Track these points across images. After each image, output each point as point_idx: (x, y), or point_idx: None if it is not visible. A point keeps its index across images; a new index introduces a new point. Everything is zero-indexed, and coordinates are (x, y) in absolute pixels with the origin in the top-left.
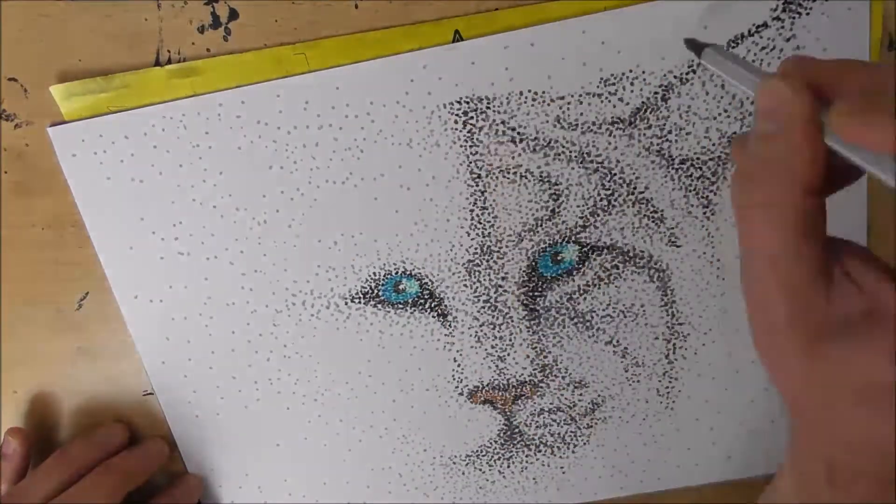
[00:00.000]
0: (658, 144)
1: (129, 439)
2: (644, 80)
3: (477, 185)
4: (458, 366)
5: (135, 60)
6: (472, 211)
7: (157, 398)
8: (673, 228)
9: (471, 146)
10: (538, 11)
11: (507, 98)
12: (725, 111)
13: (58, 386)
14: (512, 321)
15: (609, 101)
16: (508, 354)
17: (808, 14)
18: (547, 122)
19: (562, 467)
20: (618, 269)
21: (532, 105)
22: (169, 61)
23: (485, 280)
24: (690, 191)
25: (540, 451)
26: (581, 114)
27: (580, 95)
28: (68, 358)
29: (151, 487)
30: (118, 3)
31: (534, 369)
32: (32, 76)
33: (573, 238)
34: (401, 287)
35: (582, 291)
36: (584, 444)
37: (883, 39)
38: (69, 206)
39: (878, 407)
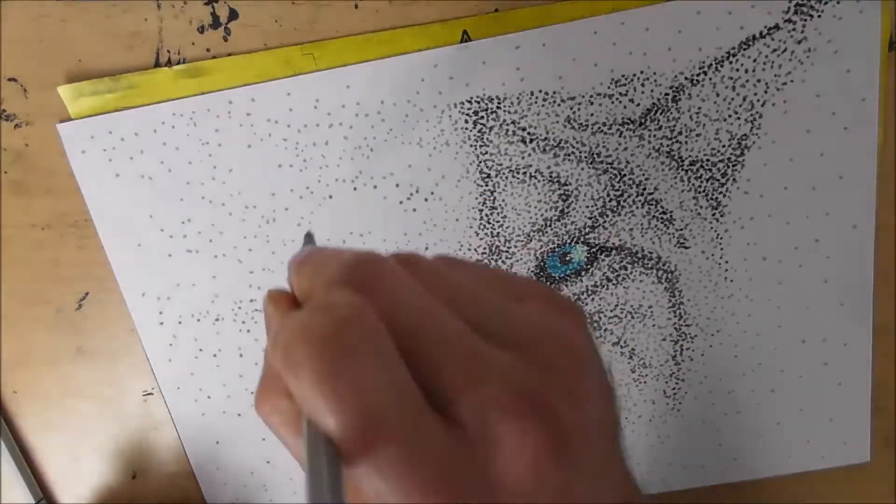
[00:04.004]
0: (668, 146)
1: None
2: (655, 81)
3: (486, 185)
4: None
5: (135, 60)
6: (481, 211)
7: (163, 396)
8: (681, 230)
9: (481, 146)
10: (546, 12)
11: (518, 98)
12: (736, 113)
13: (58, 386)
14: None
15: (620, 102)
16: None
17: (819, 16)
18: (557, 122)
19: None
20: (626, 269)
21: (542, 105)
22: (169, 62)
23: None
24: (700, 192)
25: None
26: (591, 114)
27: (591, 96)
28: (68, 358)
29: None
30: (118, 3)
31: None
32: (32, 76)
33: (582, 238)
34: None
35: (590, 292)
36: None
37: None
38: (69, 206)
39: None
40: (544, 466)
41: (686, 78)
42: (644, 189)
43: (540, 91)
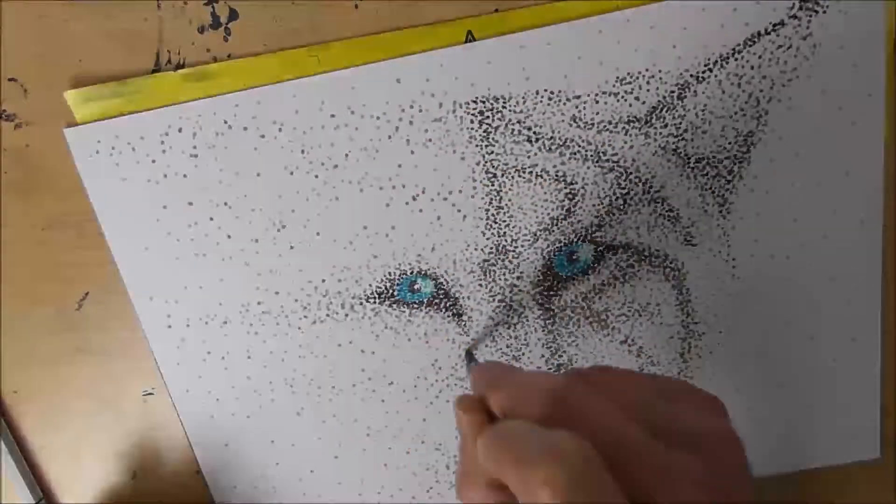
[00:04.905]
0: (674, 143)
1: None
2: (660, 78)
3: (493, 185)
4: None
5: (135, 61)
6: (487, 210)
7: (172, 398)
8: (688, 227)
9: (487, 146)
10: (551, 11)
11: (523, 97)
12: (742, 110)
13: (58, 386)
14: (527, 321)
15: (625, 100)
16: (523, 354)
17: (824, 12)
18: (563, 121)
19: None
20: (633, 268)
21: (548, 104)
22: (169, 62)
23: (500, 279)
24: (706, 190)
25: None
26: (597, 113)
27: (596, 94)
28: (68, 358)
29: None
30: (118, 3)
31: (548, 368)
32: (32, 76)
33: (588, 237)
34: (416, 287)
35: (597, 290)
36: None
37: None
38: (70, 206)
39: None
40: None
41: (691, 75)
42: (650, 187)
43: (545, 90)
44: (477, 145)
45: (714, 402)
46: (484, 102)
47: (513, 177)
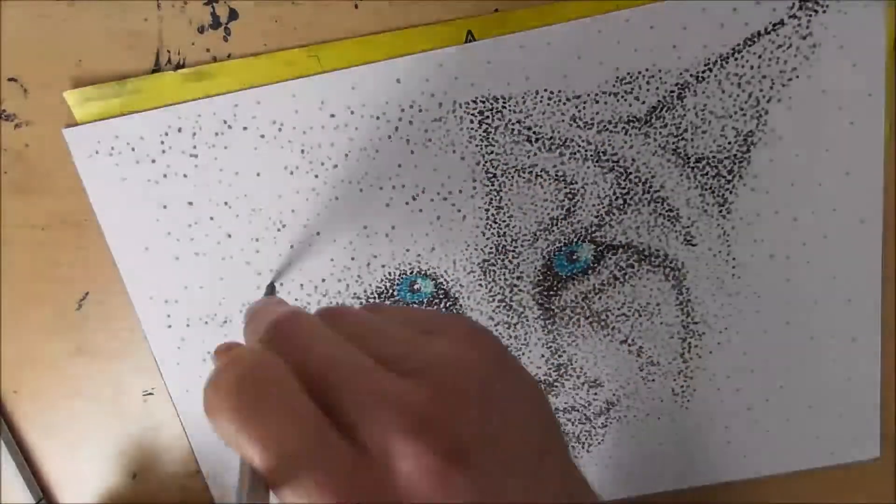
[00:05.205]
0: (674, 143)
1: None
2: (660, 78)
3: (492, 185)
4: None
5: (135, 60)
6: (487, 210)
7: (172, 399)
8: (688, 227)
9: (486, 146)
10: (551, 11)
11: (523, 97)
12: (742, 109)
13: (58, 386)
14: (527, 320)
15: (625, 100)
16: (523, 354)
17: (824, 11)
18: (563, 121)
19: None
20: (633, 268)
21: (548, 104)
22: (169, 62)
23: (500, 279)
24: (706, 189)
25: None
26: (597, 113)
27: (596, 94)
28: (68, 358)
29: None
30: (118, 3)
31: (549, 368)
32: (33, 76)
33: (588, 237)
34: (416, 287)
35: (597, 290)
36: (599, 443)
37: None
38: (69, 206)
39: None
40: (445, 475)
41: (691, 75)
42: (650, 187)
43: (545, 90)
44: (477, 145)
45: (478, 339)
46: (484, 102)
47: (513, 177)
